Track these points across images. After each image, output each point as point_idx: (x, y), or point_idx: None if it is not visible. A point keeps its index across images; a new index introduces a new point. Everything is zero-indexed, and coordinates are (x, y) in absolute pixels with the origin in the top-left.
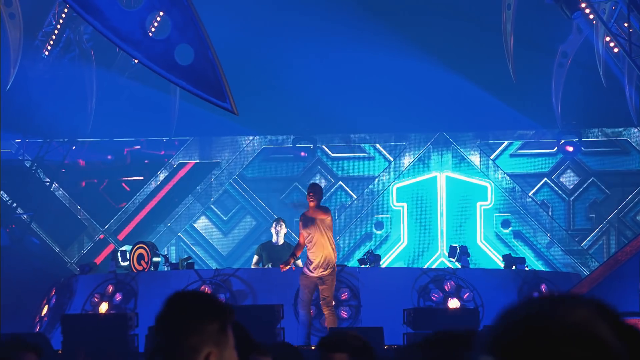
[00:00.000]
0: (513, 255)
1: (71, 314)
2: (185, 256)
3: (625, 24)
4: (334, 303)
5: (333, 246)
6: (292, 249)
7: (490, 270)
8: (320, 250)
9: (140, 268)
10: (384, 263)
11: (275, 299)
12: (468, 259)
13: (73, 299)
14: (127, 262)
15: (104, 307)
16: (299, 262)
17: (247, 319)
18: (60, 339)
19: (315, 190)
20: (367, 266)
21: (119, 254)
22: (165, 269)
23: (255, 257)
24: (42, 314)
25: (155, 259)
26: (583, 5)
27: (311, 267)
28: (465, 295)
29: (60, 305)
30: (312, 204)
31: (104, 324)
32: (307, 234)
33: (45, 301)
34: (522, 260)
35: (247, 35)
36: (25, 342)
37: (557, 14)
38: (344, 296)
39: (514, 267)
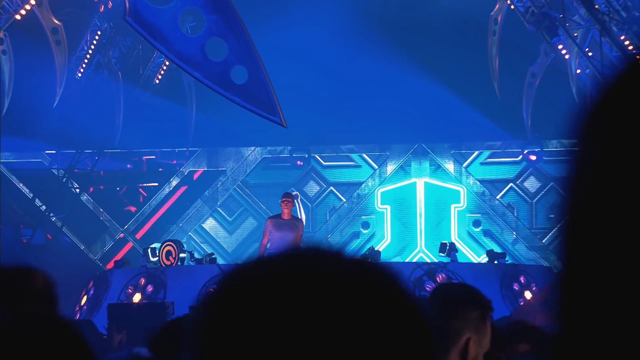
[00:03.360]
0: (495, 251)
1: (116, 303)
2: (209, 252)
3: (588, 51)
4: None
5: None
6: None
7: (476, 264)
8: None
9: (168, 263)
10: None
11: None
12: (456, 254)
13: (109, 290)
14: (157, 258)
15: (137, 297)
16: None
17: None
18: (102, 325)
19: (292, 198)
20: None
21: (149, 250)
22: (191, 264)
23: None
24: (82, 304)
25: (181, 255)
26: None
27: None
28: None
29: (97, 295)
30: (287, 209)
31: (145, 311)
32: (281, 234)
33: (84, 292)
34: (503, 255)
35: None
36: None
37: (530, 39)
38: None
39: (496, 262)
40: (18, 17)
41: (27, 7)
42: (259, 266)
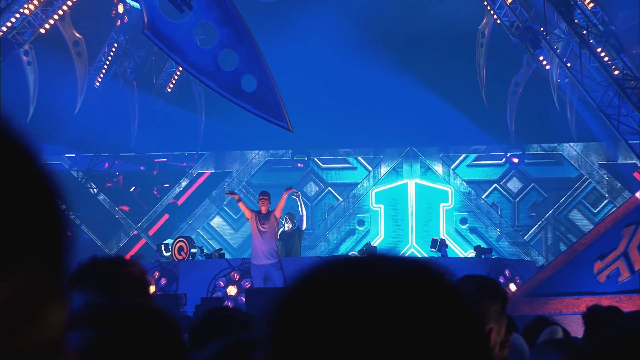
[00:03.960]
0: (482, 247)
1: None
2: (217, 247)
3: (567, 61)
4: None
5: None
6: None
7: (464, 259)
8: (273, 240)
9: (180, 257)
10: None
11: None
12: (446, 249)
13: None
14: (169, 253)
15: (151, 290)
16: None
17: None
18: None
19: (268, 196)
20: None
21: (162, 246)
22: (201, 258)
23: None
24: None
25: (192, 250)
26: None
27: (262, 256)
28: None
29: None
30: (264, 206)
31: (159, 302)
32: (263, 228)
33: None
34: (489, 251)
35: None
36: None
37: (515, 51)
38: None
39: (483, 256)
40: (42, 30)
41: (51, 21)
42: (326, 273)
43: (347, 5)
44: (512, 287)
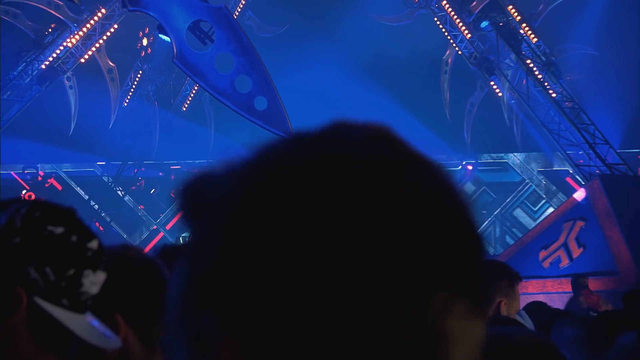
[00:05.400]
0: None
1: None
2: None
3: (515, 86)
4: None
5: None
6: None
7: None
8: None
9: None
10: None
11: None
12: None
13: None
14: None
15: None
16: None
17: None
18: None
19: None
20: None
21: (180, 239)
22: None
23: None
24: None
25: None
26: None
27: None
28: None
29: None
30: None
31: None
32: None
33: None
34: None
35: None
36: None
37: (473, 77)
38: None
39: None
40: (82, 60)
41: (89, 52)
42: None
43: (334, 36)
44: None
